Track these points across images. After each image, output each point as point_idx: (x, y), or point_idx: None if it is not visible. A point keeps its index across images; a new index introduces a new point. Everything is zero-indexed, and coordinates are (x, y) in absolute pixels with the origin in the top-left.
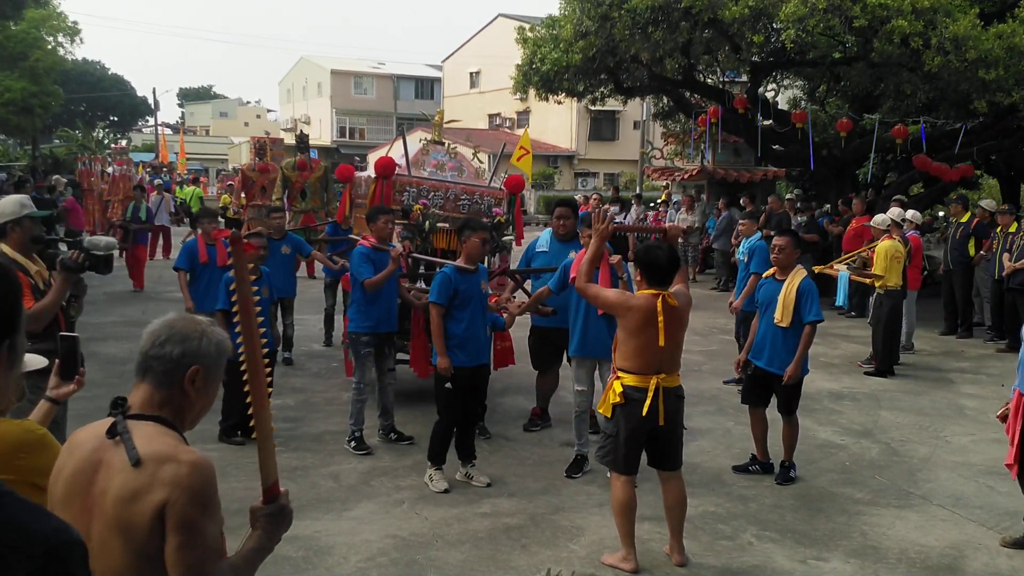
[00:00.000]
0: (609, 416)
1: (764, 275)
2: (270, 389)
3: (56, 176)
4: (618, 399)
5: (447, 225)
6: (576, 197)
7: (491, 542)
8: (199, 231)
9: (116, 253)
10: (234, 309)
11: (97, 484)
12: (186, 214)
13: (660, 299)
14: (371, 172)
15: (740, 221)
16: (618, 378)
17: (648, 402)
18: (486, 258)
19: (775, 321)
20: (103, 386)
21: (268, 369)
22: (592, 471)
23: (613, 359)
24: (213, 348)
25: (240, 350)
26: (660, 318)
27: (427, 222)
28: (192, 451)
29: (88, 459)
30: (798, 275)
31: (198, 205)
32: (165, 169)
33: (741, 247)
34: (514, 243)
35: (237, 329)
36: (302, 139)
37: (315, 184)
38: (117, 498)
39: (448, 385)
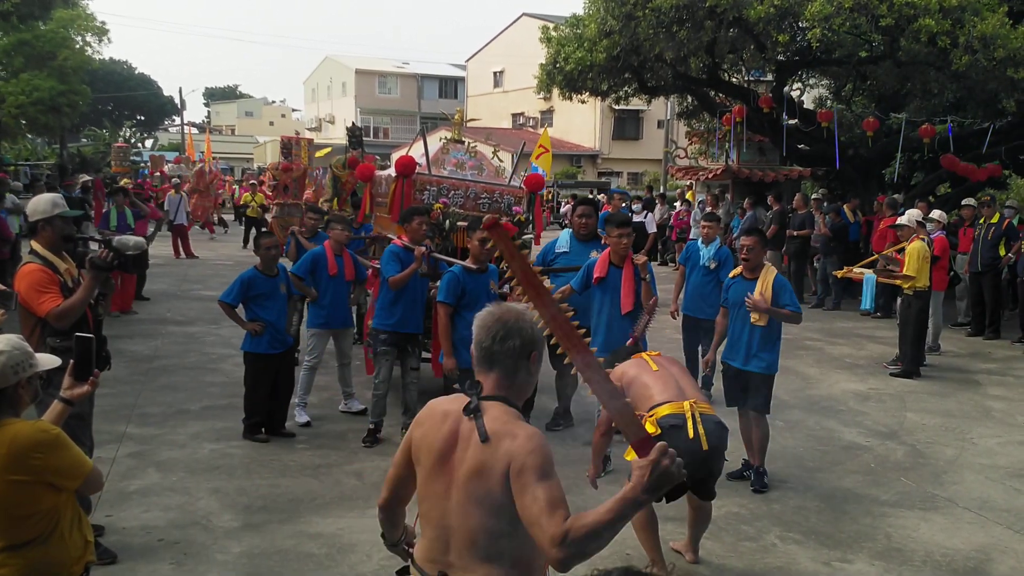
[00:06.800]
0: None
1: (731, 275)
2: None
3: (82, 175)
4: (654, 430)
5: (467, 224)
6: (599, 197)
7: None
8: (329, 238)
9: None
10: (517, 292)
11: (456, 455)
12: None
13: (640, 355)
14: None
15: (703, 223)
16: (650, 417)
17: (690, 424)
18: None
19: (752, 321)
20: (128, 383)
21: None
22: (615, 471)
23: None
24: (539, 332)
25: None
26: (645, 357)
27: (447, 221)
28: (527, 426)
29: (451, 431)
30: (770, 273)
31: (257, 212)
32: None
33: (706, 252)
34: (533, 242)
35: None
36: (355, 134)
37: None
38: (471, 470)
39: (456, 386)
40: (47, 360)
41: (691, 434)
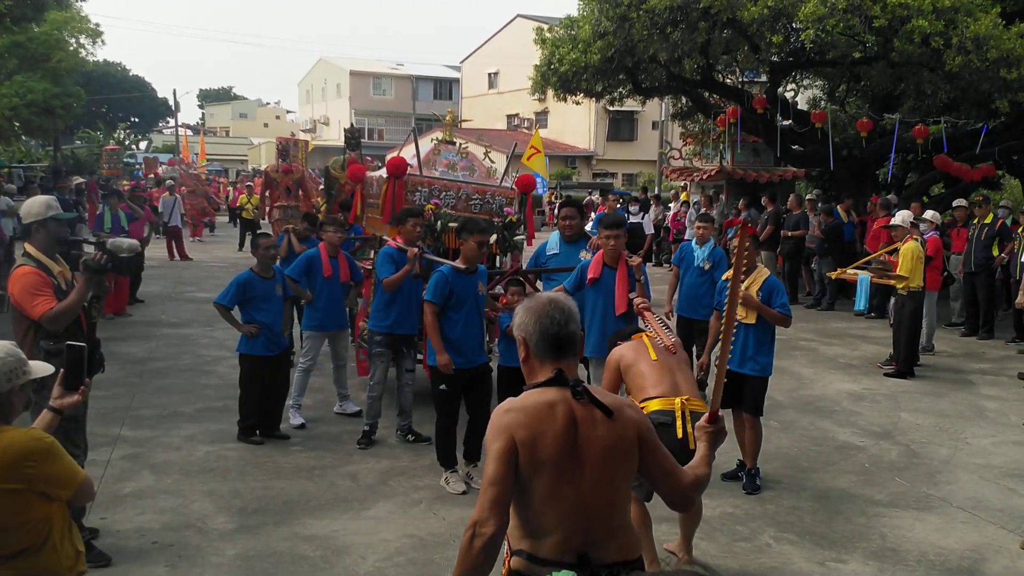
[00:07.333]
0: None
1: (724, 276)
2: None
3: (76, 177)
4: None
5: (458, 225)
6: (593, 198)
7: None
8: (322, 240)
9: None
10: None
11: (581, 437)
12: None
13: (641, 336)
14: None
15: (697, 224)
16: (641, 410)
17: (679, 423)
18: (497, 258)
19: (739, 318)
20: (123, 385)
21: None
22: None
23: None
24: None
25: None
26: (646, 340)
27: (439, 222)
28: (621, 396)
29: (567, 419)
30: (761, 274)
31: (253, 215)
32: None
33: (700, 252)
34: (525, 243)
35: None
36: (352, 135)
37: None
38: (609, 447)
39: (443, 387)
40: (40, 368)
41: (679, 433)
